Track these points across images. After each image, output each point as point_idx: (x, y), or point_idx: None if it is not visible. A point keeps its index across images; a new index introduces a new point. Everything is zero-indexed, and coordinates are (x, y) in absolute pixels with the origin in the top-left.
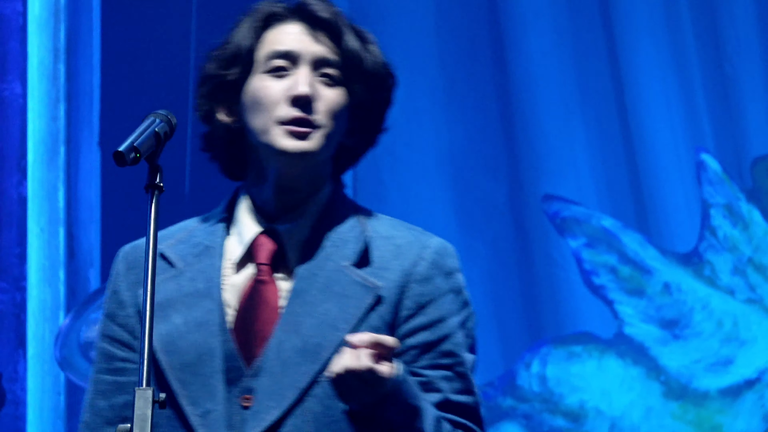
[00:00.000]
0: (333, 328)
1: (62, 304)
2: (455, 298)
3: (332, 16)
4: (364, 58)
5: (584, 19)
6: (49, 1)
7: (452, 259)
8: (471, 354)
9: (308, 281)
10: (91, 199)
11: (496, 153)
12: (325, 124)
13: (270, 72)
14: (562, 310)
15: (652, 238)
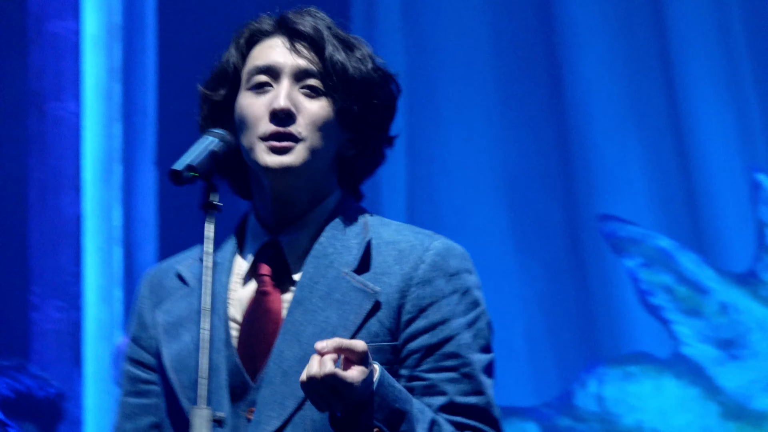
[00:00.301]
0: (332, 335)
1: (119, 322)
2: (461, 299)
3: (314, 28)
4: (347, 67)
5: (638, 41)
6: (104, 20)
7: (457, 260)
8: (483, 354)
9: (309, 290)
10: (147, 217)
11: (551, 173)
12: (307, 137)
13: (253, 88)
14: (619, 330)
15: (708, 258)
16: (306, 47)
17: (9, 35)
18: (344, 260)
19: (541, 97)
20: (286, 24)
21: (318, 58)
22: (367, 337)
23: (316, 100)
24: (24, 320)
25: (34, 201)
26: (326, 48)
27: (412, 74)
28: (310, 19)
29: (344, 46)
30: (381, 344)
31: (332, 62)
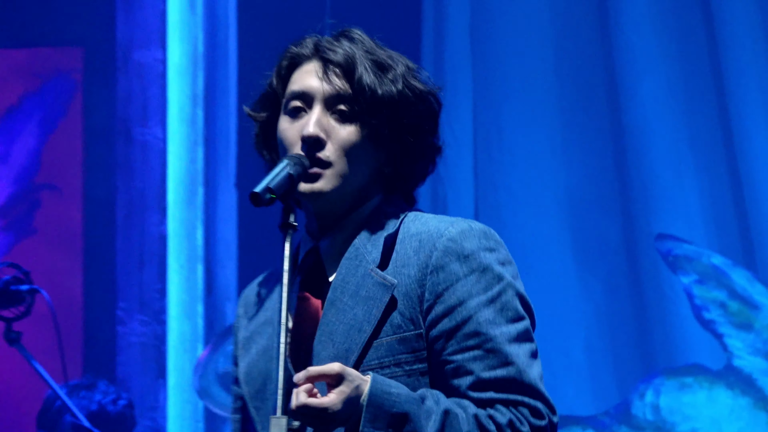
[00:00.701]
0: (359, 330)
1: (201, 336)
2: (479, 277)
3: (346, 54)
4: (376, 90)
5: (694, 69)
6: (188, 50)
7: (472, 241)
8: (511, 325)
9: (341, 290)
10: (228, 237)
11: (610, 195)
12: (336, 162)
13: (289, 113)
14: (674, 343)
15: (759, 275)
16: (339, 72)
17: (99, 65)
18: (371, 257)
19: (601, 124)
20: (321, 50)
21: (350, 82)
22: (390, 328)
23: (346, 125)
24: (111, 334)
25: (121, 221)
26: (356, 72)
27: (480, 104)
28: (346, 43)
29: (377, 67)
30: (404, 334)
31: (361, 86)
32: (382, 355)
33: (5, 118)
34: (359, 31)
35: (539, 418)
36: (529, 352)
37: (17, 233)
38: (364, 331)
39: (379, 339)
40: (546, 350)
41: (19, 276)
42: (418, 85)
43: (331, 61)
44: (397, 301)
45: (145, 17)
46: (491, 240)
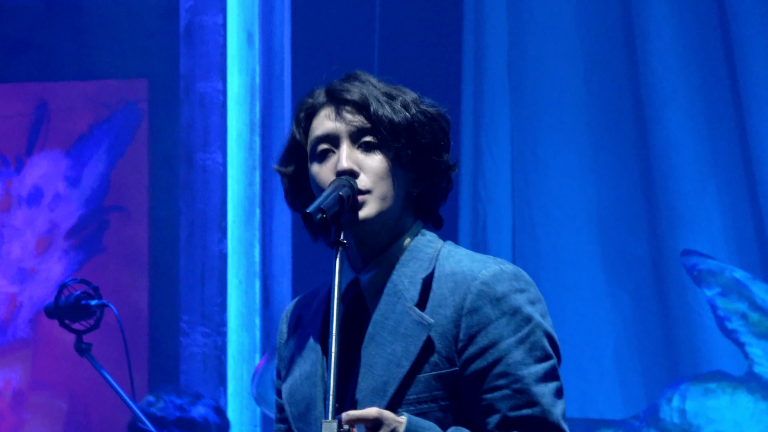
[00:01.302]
0: (397, 365)
1: (258, 347)
2: (510, 320)
3: (359, 92)
4: (393, 118)
5: (715, 93)
6: (246, 80)
7: (504, 284)
8: (539, 364)
9: (381, 325)
10: (283, 254)
11: (637, 212)
12: (374, 188)
13: (318, 158)
14: (698, 351)
15: None
16: (354, 110)
17: (163, 95)
18: (410, 295)
19: (629, 147)
20: (334, 94)
21: (366, 115)
22: (427, 366)
23: (373, 154)
24: (175, 345)
25: (184, 240)
26: (370, 105)
27: (516, 130)
28: (356, 83)
29: (388, 98)
30: (440, 372)
31: (378, 117)
32: (419, 390)
33: (77, 145)
34: (364, 73)
35: None
36: (554, 390)
37: (88, 251)
38: (402, 366)
39: (418, 375)
40: (578, 358)
41: (89, 291)
42: (428, 108)
43: (347, 101)
44: (434, 339)
45: (206, 51)
46: (521, 281)
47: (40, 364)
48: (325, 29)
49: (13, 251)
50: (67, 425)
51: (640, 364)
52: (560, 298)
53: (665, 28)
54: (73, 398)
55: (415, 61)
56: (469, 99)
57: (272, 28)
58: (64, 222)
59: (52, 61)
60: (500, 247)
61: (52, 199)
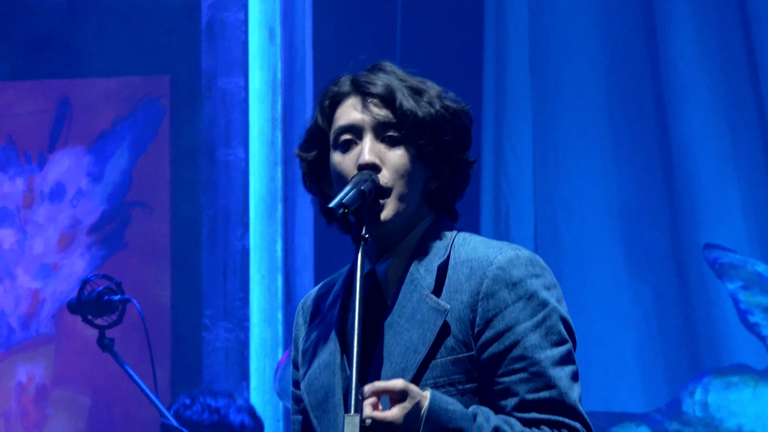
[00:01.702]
0: (414, 351)
1: (280, 341)
2: (526, 304)
3: (385, 84)
4: (417, 113)
5: (736, 88)
6: (267, 77)
7: (520, 269)
8: (555, 348)
9: (398, 314)
10: (305, 249)
11: (659, 206)
12: (393, 186)
13: (340, 147)
14: (721, 345)
15: None
16: (380, 102)
17: (185, 91)
18: (426, 283)
19: (650, 142)
20: (360, 84)
21: (391, 109)
22: (444, 350)
23: (396, 148)
24: (198, 340)
25: (206, 236)
26: (396, 99)
27: (538, 125)
28: (381, 75)
29: (413, 93)
30: (457, 356)
31: (403, 112)
32: (436, 375)
33: (99, 142)
34: (390, 64)
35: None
36: (571, 374)
37: (110, 247)
38: (419, 352)
39: (435, 360)
40: (600, 352)
41: (111, 287)
42: (452, 104)
43: (371, 93)
44: (451, 325)
45: (227, 47)
46: (537, 266)
47: (63, 359)
48: (346, 25)
49: (35, 247)
50: (90, 420)
51: (663, 357)
52: (582, 292)
53: (686, 23)
54: (95, 393)
55: (437, 56)
56: (490, 94)
57: (294, 24)
58: (87, 218)
59: (74, 58)
60: (522, 242)
61: (74, 195)
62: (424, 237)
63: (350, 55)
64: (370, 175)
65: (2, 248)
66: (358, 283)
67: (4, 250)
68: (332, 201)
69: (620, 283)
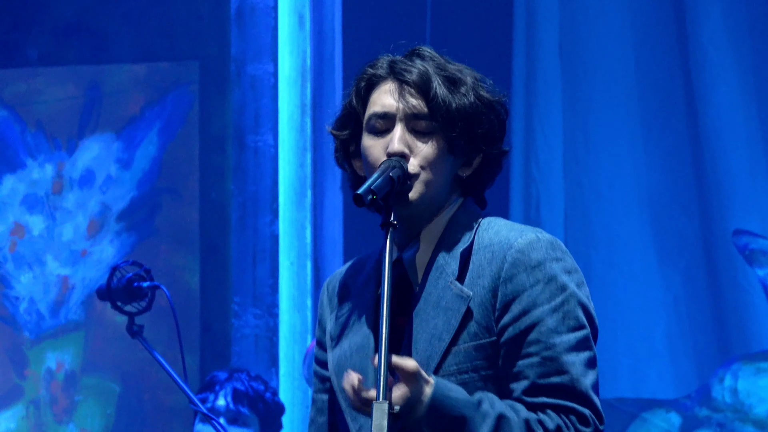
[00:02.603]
0: (439, 339)
1: (309, 328)
2: (544, 287)
3: (420, 72)
4: (451, 104)
5: (766, 71)
6: (297, 63)
7: (541, 252)
8: (572, 333)
9: (425, 300)
10: (334, 235)
11: (688, 193)
12: (420, 173)
13: (372, 132)
14: (750, 331)
15: None
16: (415, 90)
17: (214, 77)
18: (450, 270)
19: (679, 128)
20: (397, 71)
21: (425, 98)
22: (467, 336)
23: (427, 139)
24: (227, 326)
25: (236, 222)
26: (431, 89)
27: (568, 112)
28: (418, 62)
29: (449, 82)
30: (480, 342)
31: (436, 102)
32: (460, 361)
33: (128, 128)
34: (429, 49)
35: (586, 425)
36: (586, 360)
37: (139, 234)
38: (444, 340)
39: (457, 346)
40: (629, 338)
41: (140, 273)
42: (487, 95)
43: (407, 81)
44: (473, 310)
45: (257, 33)
46: (557, 250)
47: (93, 346)
48: (376, 11)
49: (65, 233)
50: (120, 407)
51: (692, 343)
52: (612, 278)
53: (715, 7)
54: (125, 380)
55: (467, 42)
56: (520, 79)
57: (323, 10)
58: (116, 204)
59: (103, 44)
60: (552, 228)
61: (103, 181)
62: (450, 223)
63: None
64: (399, 162)
65: (32, 235)
66: (387, 270)
67: (33, 236)
68: (361, 187)
69: (650, 269)
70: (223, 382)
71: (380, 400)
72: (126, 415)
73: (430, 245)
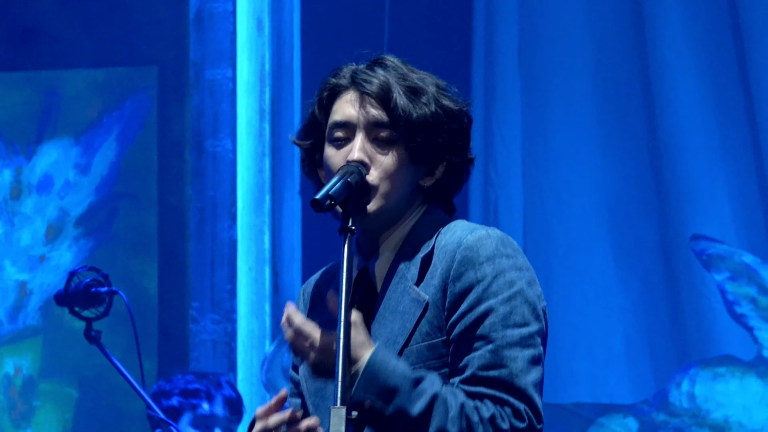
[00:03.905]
0: (394, 342)
1: (268, 333)
2: (491, 282)
3: (381, 82)
4: (412, 113)
5: (724, 79)
6: (256, 68)
7: (488, 248)
8: (516, 329)
9: (385, 306)
10: (293, 241)
11: (647, 197)
12: (379, 185)
13: (333, 142)
14: (708, 336)
15: None
16: (375, 101)
17: (173, 82)
18: (410, 275)
19: (638, 132)
20: (358, 81)
21: (386, 108)
22: (419, 336)
23: (387, 149)
24: (185, 331)
25: (194, 227)
26: (391, 99)
27: (527, 116)
28: (380, 71)
29: (410, 92)
30: (432, 341)
31: (397, 113)
32: (413, 361)
33: (87, 133)
34: (392, 58)
35: (520, 420)
36: (529, 357)
37: (97, 239)
38: (398, 343)
39: (410, 347)
40: (588, 343)
41: (98, 279)
42: (450, 104)
43: (368, 91)
44: (428, 311)
45: (216, 38)
46: (508, 247)
47: (51, 351)
48: (334, 16)
49: (23, 239)
50: (77, 412)
51: (650, 348)
52: (570, 282)
53: (674, 14)
54: (83, 385)
55: (426, 47)
56: (479, 83)
57: (282, 15)
58: (74, 209)
59: (62, 49)
60: (511, 232)
61: (62, 186)
62: (413, 230)
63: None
64: (357, 168)
65: None
66: (344, 276)
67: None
68: (319, 192)
69: (608, 273)
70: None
71: (338, 405)
72: (84, 420)
73: (392, 253)
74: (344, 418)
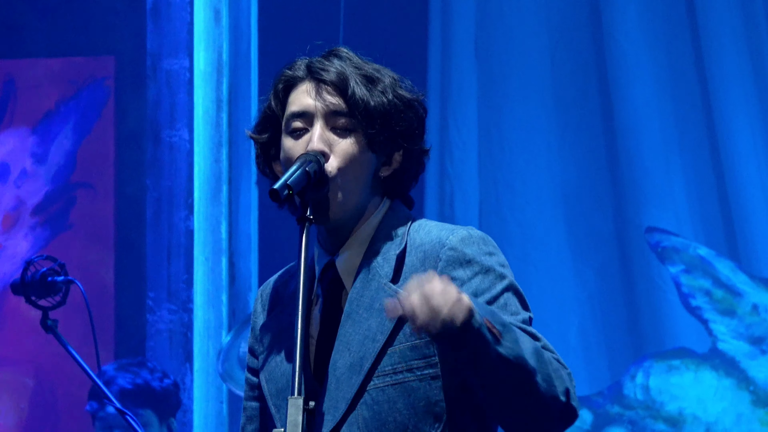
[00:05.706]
0: (373, 340)
1: (224, 323)
2: (483, 278)
3: (338, 71)
4: (369, 102)
5: (681, 72)
6: (213, 58)
7: (472, 247)
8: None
9: (357, 303)
10: (249, 231)
11: (603, 190)
12: (338, 174)
13: (291, 133)
14: (663, 328)
15: (742, 265)
16: (333, 90)
17: (130, 72)
18: (384, 272)
19: (594, 125)
20: (314, 71)
21: (343, 97)
22: (402, 337)
23: (346, 137)
24: (141, 321)
25: (151, 217)
26: (348, 87)
27: (483, 108)
28: (336, 61)
29: (366, 81)
30: (415, 342)
31: (354, 100)
32: (395, 362)
33: (43, 122)
34: (346, 49)
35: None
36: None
37: (54, 228)
38: (378, 341)
39: (393, 347)
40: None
41: (55, 268)
42: (406, 93)
43: (324, 80)
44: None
45: (173, 28)
46: (489, 245)
47: (6, 340)
48: (292, 6)
49: None
50: (33, 401)
51: (605, 340)
52: (526, 274)
53: (630, 4)
54: (38, 375)
55: (382, 39)
56: (436, 76)
57: (239, 6)
58: (31, 199)
59: (18, 38)
60: (467, 224)
61: (18, 175)
62: (381, 226)
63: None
64: (315, 156)
65: None
66: (302, 265)
67: None
68: (277, 182)
69: (564, 265)
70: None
71: (295, 395)
72: (39, 409)
73: (360, 248)
74: (302, 408)
